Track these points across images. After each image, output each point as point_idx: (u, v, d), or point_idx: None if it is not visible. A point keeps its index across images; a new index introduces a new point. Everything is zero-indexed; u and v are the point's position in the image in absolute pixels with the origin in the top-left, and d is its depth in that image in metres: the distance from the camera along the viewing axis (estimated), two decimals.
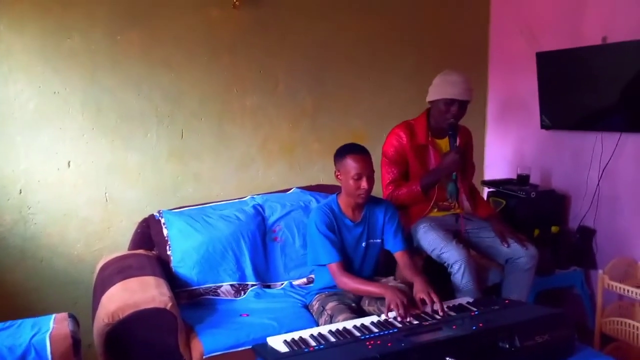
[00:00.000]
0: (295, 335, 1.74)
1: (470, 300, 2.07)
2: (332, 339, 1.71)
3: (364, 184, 2.09)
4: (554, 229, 2.93)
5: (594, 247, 2.90)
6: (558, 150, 3.11)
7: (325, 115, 3.16)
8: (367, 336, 1.68)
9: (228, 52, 2.89)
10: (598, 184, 2.84)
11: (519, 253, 2.38)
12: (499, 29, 3.47)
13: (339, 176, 2.18)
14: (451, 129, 2.42)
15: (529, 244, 2.40)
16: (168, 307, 1.95)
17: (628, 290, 2.42)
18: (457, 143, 2.43)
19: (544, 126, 3.09)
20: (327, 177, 3.09)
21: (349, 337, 1.72)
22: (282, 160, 3.10)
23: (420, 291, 1.98)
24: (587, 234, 2.90)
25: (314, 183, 3.04)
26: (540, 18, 3.15)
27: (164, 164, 2.83)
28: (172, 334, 1.95)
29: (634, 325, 2.36)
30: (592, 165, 2.87)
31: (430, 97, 2.47)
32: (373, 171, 2.14)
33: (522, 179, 3.05)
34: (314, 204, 2.73)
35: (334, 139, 3.13)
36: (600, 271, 2.56)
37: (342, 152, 2.17)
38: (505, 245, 2.38)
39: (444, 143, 2.51)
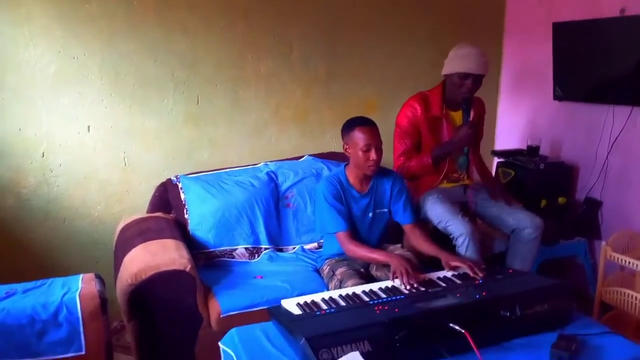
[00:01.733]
0: (308, 298, 1.84)
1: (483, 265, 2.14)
2: (343, 303, 1.80)
3: (373, 155, 2.14)
4: (561, 200, 2.98)
5: (600, 218, 2.95)
6: (569, 122, 3.12)
7: (338, 83, 3.18)
8: (376, 301, 1.78)
9: (243, 19, 2.90)
10: (607, 157, 2.87)
11: (524, 223, 2.44)
12: None
13: (347, 149, 2.22)
14: (465, 103, 2.45)
15: (532, 214, 2.46)
16: (187, 269, 2.06)
17: (629, 262, 2.48)
18: (471, 117, 2.46)
19: (556, 97, 3.09)
20: (338, 144, 3.07)
21: (358, 301, 1.81)
22: (295, 126, 3.15)
23: (451, 260, 2.09)
24: (594, 205, 2.95)
25: (325, 150, 3.09)
26: None
27: (180, 129, 2.89)
28: (191, 294, 2.07)
29: (632, 295, 2.44)
30: (602, 138, 2.89)
31: (445, 70, 2.48)
32: (381, 142, 2.19)
33: (532, 150, 3.08)
34: (325, 172, 2.80)
35: (347, 107, 3.19)
36: (603, 242, 2.62)
37: (350, 125, 2.21)
38: (508, 205, 2.47)
39: (457, 116, 2.54)
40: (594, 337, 1.68)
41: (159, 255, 2.10)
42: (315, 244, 2.68)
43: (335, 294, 1.89)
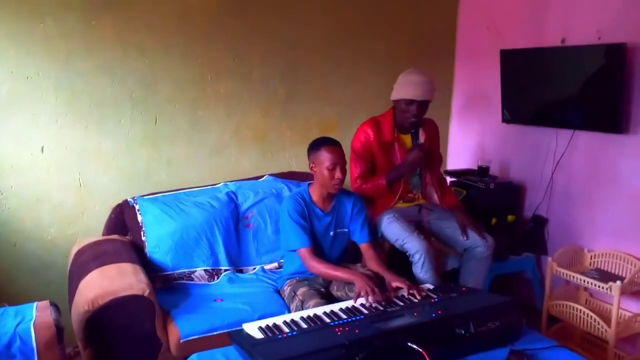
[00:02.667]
0: (269, 321, 1.85)
1: (431, 287, 2.23)
2: (304, 325, 1.83)
3: (338, 173, 2.21)
4: (510, 217, 3.12)
5: (546, 235, 3.11)
6: (517, 143, 3.29)
7: (297, 103, 3.23)
8: (336, 322, 1.81)
9: (203, 40, 2.91)
10: (552, 177, 3.03)
11: (476, 243, 2.55)
12: (467, 25, 3.59)
13: (313, 168, 2.28)
14: (413, 127, 2.55)
15: (487, 234, 2.57)
16: (146, 294, 2.04)
17: (573, 276, 2.63)
18: (421, 140, 2.57)
19: (505, 120, 3.25)
20: (298, 164, 3.18)
21: (319, 323, 1.84)
22: (255, 146, 3.17)
23: (394, 280, 2.14)
24: (540, 222, 3.11)
25: (285, 170, 3.14)
26: (506, 17, 3.28)
27: (137, 149, 2.86)
28: (150, 319, 2.04)
29: (577, 308, 2.58)
30: (547, 159, 3.05)
31: (393, 96, 2.59)
32: (345, 162, 2.27)
33: (482, 170, 3.22)
34: (285, 192, 2.83)
35: (306, 127, 3.25)
36: (549, 258, 2.76)
37: (317, 145, 2.27)
38: (465, 238, 2.54)
39: (408, 139, 2.63)
40: (542, 351, 1.78)
41: (116, 280, 2.08)
42: (276, 264, 2.70)
43: (296, 316, 1.91)
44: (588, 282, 2.55)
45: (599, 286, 2.48)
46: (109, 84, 2.74)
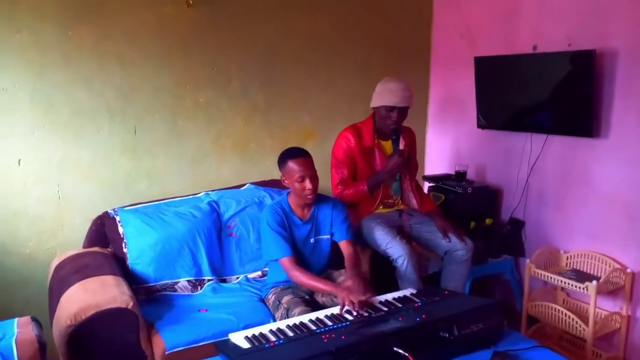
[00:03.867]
0: (256, 330, 1.86)
1: (414, 291, 2.26)
2: (291, 334, 1.84)
3: (308, 184, 2.23)
4: (487, 221, 3.19)
5: (523, 237, 3.18)
6: (492, 148, 3.36)
7: (277, 111, 3.25)
8: (323, 330, 1.82)
9: (181, 49, 2.91)
10: (527, 180, 3.11)
11: (456, 246, 2.60)
12: (441, 33, 3.66)
13: (284, 180, 2.31)
14: (394, 133, 2.61)
15: (466, 238, 2.63)
16: (129, 306, 2.02)
17: (550, 277, 2.70)
18: (401, 146, 2.62)
19: (480, 125, 3.32)
20: (280, 172, 3.19)
21: (305, 331, 1.85)
22: (236, 155, 3.17)
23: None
24: (517, 225, 3.18)
25: (267, 178, 3.14)
26: (479, 25, 3.36)
27: (117, 160, 2.84)
28: (134, 332, 2.02)
29: (555, 308, 2.65)
30: (522, 163, 3.13)
31: (373, 103, 2.64)
32: (315, 170, 2.28)
33: (460, 175, 3.28)
34: (267, 200, 2.84)
35: (286, 134, 3.27)
36: (527, 260, 2.83)
37: (284, 158, 2.29)
38: (447, 240, 2.59)
39: (388, 145, 2.69)
40: (524, 351, 1.82)
41: (99, 293, 2.05)
42: (260, 273, 2.70)
43: (282, 324, 1.92)
44: (565, 283, 2.62)
45: (575, 286, 2.56)
46: (86, 94, 2.72)
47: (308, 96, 3.34)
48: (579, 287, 2.53)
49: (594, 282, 2.46)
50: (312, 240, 2.37)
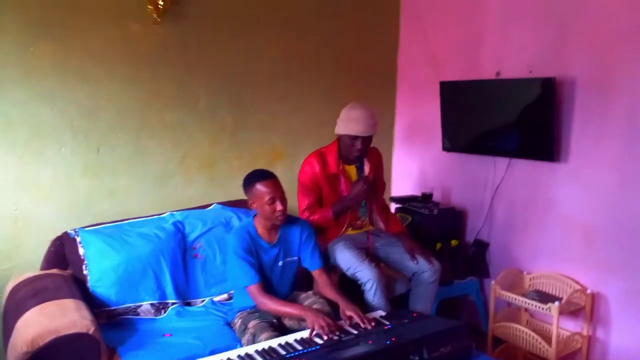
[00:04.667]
0: (223, 356, 1.81)
1: (383, 313, 2.26)
2: (259, 359, 1.80)
3: (279, 206, 2.21)
4: (453, 242, 3.23)
5: (488, 258, 3.23)
6: (457, 171, 3.43)
7: (245, 132, 3.23)
8: (293, 354, 1.80)
9: (148, 67, 2.87)
10: (491, 203, 3.18)
11: (424, 267, 2.61)
12: (407, 58, 3.74)
13: (252, 204, 2.27)
14: (358, 161, 2.62)
15: (434, 259, 2.65)
16: (90, 331, 1.94)
17: (515, 298, 2.75)
18: (366, 171, 2.63)
19: (445, 149, 3.39)
20: (246, 195, 3.15)
21: (275, 356, 1.82)
22: (202, 175, 3.13)
23: (347, 309, 2.14)
24: (481, 247, 3.23)
25: (234, 199, 3.10)
26: (444, 51, 3.46)
27: (78, 179, 2.75)
28: (95, 358, 1.94)
29: (520, 330, 2.69)
30: (487, 185, 3.20)
31: (338, 130, 2.63)
32: (284, 191, 2.26)
33: (426, 197, 3.33)
34: (235, 220, 2.80)
35: (255, 155, 3.25)
36: (492, 282, 2.87)
37: (251, 181, 2.26)
38: (415, 262, 2.60)
39: (353, 170, 2.68)
40: None
41: (58, 318, 1.96)
42: (226, 296, 2.64)
43: (251, 349, 1.88)
44: (529, 304, 2.66)
45: (539, 307, 2.60)
46: (48, 112, 2.64)
47: (277, 118, 3.34)
48: (542, 308, 2.58)
49: (557, 302, 2.51)
50: (280, 263, 2.34)
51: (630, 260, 2.51)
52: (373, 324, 2.06)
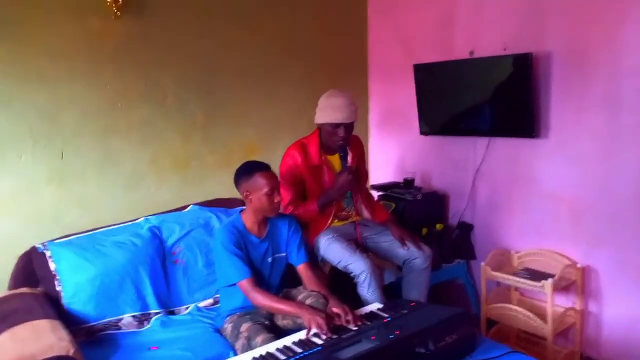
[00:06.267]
0: None
1: (380, 306, 2.18)
2: None
3: (277, 197, 2.15)
4: (438, 226, 3.19)
5: (473, 240, 3.20)
6: (436, 154, 3.38)
7: (217, 127, 3.09)
8: (293, 358, 1.70)
9: (111, 64, 2.70)
10: (473, 183, 3.14)
11: (414, 254, 2.55)
12: (377, 41, 3.66)
13: (248, 196, 2.16)
14: (341, 150, 2.52)
15: (424, 245, 2.59)
16: (70, 352, 1.78)
17: (506, 278, 2.72)
18: (349, 161, 2.54)
19: (422, 132, 3.33)
20: (224, 190, 3.00)
21: None
22: (176, 176, 2.98)
23: (334, 305, 2.04)
24: (466, 229, 3.20)
25: (211, 197, 2.96)
26: (416, 32, 3.39)
27: (42, 188, 2.57)
28: None
29: (514, 309, 2.66)
30: (468, 167, 3.16)
31: (318, 119, 2.53)
32: (279, 184, 2.21)
33: (408, 182, 3.27)
34: (214, 221, 2.67)
35: (229, 151, 3.12)
36: (482, 263, 2.84)
37: (250, 171, 2.16)
38: (406, 249, 2.54)
39: (336, 159, 2.59)
40: (499, 358, 1.78)
41: (32, 342, 1.80)
42: (211, 300, 2.51)
43: (248, 356, 1.77)
44: (521, 283, 2.64)
45: (532, 285, 2.58)
46: (4, 117, 2.45)
47: (250, 110, 3.21)
48: (536, 286, 2.56)
49: (550, 279, 2.49)
50: (269, 259, 2.25)
51: (617, 231, 2.51)
52: (359, 323, 1.96)
